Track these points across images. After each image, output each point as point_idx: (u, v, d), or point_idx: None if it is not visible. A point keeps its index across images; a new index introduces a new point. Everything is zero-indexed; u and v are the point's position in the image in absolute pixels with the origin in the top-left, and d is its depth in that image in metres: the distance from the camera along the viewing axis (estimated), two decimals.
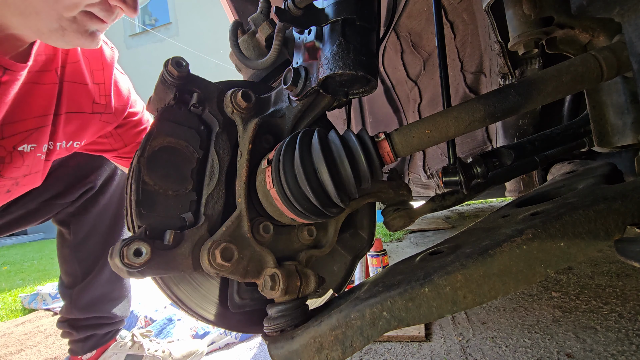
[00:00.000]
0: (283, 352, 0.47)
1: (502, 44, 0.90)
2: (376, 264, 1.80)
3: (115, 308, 1.25)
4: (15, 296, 2.94)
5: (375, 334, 0.41)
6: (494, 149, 0.80)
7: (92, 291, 1.19)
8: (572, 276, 1.72)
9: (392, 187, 0.67)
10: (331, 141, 0.52)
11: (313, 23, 0.55)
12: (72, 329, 1.19)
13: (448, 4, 1.32)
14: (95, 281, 1.19)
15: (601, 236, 0.38)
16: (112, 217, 1.23)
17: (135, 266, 0.43)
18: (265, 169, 0.55)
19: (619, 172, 0.72)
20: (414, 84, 1.69)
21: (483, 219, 0.63)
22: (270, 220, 0.59)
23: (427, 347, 1.25)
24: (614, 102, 0.66)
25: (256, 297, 0.58)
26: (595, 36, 0.62)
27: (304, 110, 0.61)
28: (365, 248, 0.75)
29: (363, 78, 0.56)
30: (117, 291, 1.26)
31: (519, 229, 0.41)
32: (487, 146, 1.59)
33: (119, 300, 1.27)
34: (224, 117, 0.58)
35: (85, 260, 1.19)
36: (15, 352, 1.70)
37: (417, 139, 0.52)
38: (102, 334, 1.23)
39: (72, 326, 1.19)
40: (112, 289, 1.24)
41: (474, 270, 0.38)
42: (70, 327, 1.20)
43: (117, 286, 1.26)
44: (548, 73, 0.50)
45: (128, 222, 0.51)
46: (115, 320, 1.26)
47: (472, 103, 0.51)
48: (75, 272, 1.19)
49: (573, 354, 1.07)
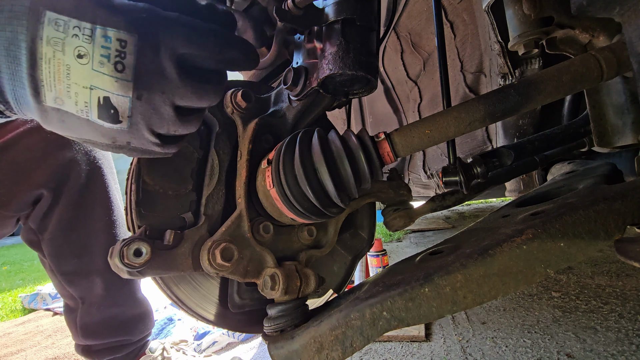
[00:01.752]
0: (283, 352, 0.47)
1: (502, 44, 0.90)
2: (376, 264, 1.81)
3: (132, 328, 1.09)
4: (15, 296, 2.94)
5: (375, 334, 0.41)
6: (494, 149, 0.80)
7: (97, 316, 1.03)
8: (572, 276, 1.72)
9: (392, 187, 0.67)
10: (331, 141, 0.52)
11: (313, 23, 0.55)
12: (88, 355, 1.06)
13: (448, 4, 1.32)
14: (98, 305, 1.03)
15: (601, 236, 0.38)
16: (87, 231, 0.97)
17: (135, 266, 0.43)
18: (265, 169, 0.55)
19: (619, 172, 0.72)
20: (414, 84, 1.69)
21: (483, 219, 0.63)
22: (270, 220, 0.59)
23: (427, 347, 1.25)
24: (614, 102, 0.66)
25: (256, 297, 0.58)
26: (595, 36, 0.62)
27: (304, 110, 0.61)
28: (365, 248, 0.75)
29: (363, 78, 0.56)
30: (129, 311, 1.08)
31: (519, 229, 0.41)
32: (487, 146, 1.59)
33: (134, 320, 1.09)
34: (224, 117, 0.59)
35: (73, 282, 1.00)
36: (15, 352, 1.70)
37: (417, 139, 0.52)
38: (123, 355, 1.09)
39: (87, 352, 1.06)
40: (121, 310, 1.06)
41: (474, 270, 0.38)
42: (85, 353, 1.06)
43: (128, 306, 1.08)
44: (548, 73, 0.50)
45: (128, 222, 0.51)
46: (135, 340, 1.11)
47: (472, 103, 0.51)
48: (71, 295, 1.03)
49: (573, 354, 1.07)
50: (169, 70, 0.33)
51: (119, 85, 0.32)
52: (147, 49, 0.32)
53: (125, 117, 0.33)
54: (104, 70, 0.31)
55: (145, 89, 0.33)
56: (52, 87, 0.31)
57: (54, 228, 0.95)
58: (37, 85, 0.31)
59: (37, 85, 0.31)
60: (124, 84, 0.32)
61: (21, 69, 0.31)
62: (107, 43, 0.30)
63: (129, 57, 0.31)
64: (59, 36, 0.30)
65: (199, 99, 0.36)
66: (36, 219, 0.95)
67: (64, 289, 1.03)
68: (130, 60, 0.31)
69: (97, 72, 0.31)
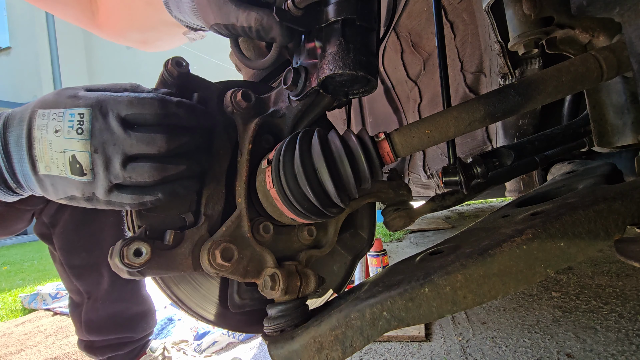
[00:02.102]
0: (283, 352, 0.47)
1: (502, 44, 0.90)
2: (376, 264, 1.81)
3: (135, 326, 1.11)
4: (15, 296, 2.94)
5: (375, 334, 0.41)
6: (494, 149, 0.80)
7: (102, 311, 1.05)
8: (572, 276, 1.73)
9: (392, 187, 0.67)
10: (331, 141, 0.52)
11: (313, 23, 0.55)
12: (90, 351, 1.08)
13: (448, 4, 1.32)
14: (103, 300, 1.05)
15: (601, 236, 0.38)
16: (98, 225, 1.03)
17: (135, 266, 0.43)
18: (265, 169, 0.55)
19: (619, 172, 0.72)
20: (414, 84, 1.69)
21: (483, 219, 0.63)
22: (270, 220, 0.59)
23: (427, 347, 1.25)
24: (614, 102, 0.66)
25: (256, 297, 0.58)
26: (595, 36, 0.62)
27: (304, 110, 0.61)
28: (365, 248, 0.75)
29: (363, 78, 0.56)
30: (133, 308, 1.10)
31: (519, 229, 0.41)
32: (487, 146, 1.59)
33: (137, 317, 1.11)
34: (224, 117, 0.58)
35: (82, 276, 1.04)
36: (15, 352, 1.70)
37: (417, 139, 0.52)
38: (125, 352, 1.11)
39: (90, 348, 1.08)
40: (126, 306, 1.09)
41: (474, 270, 0.38)
42: (88, 349, 1.09)
43: (132, 303, 1.10)
44: (548, 73, 0.50)
45: (128, 222, 0.51)
46: (138, 338, 1.13)
47: (472, 103, 0.51)
48: (78, 290, 1.06)
49: (573, 354, 1.07)
50: (116, 128, 0.44)
51: (80, 144, 0.43)
52: (99, 116, 0.44)
53: (89, 170, 0.44)
54: (70, 136, 0.43)
55: (99, 144, 0.43)
56: (42, 159, 0.43)
57: (66, 222, 1.01)
58: (34, 161, 0.44)
59: (33, 161, 0.44)
60: (84, 143, 0.43)
61: (24, 151, 0.44)
62: (72, 118, 0.43)
63: (86, 124, 0.43)
64: (44, 122, 0.43)
65: (147, 145, 0.45)
66: (49, 213, 1.00)
67: (72, 283, 1.06)
68: (87, 126, 0.43)
69: (67, 139, 0.43)
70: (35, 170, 0.44)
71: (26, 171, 0.44)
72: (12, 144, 0.44)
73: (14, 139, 0.44)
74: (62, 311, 2.25)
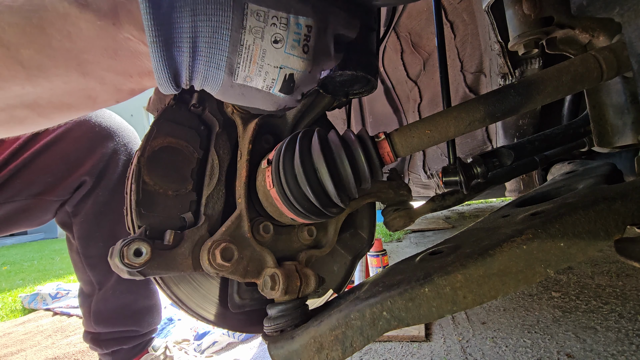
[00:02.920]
0: (283, 352, 0.47)
1: (502, 44, 0.90)
2: (376, 264, 1.81)
3: (141, 320, 1.11)
4: (15, 296, 2.95)
5: (375, 334, 0.41)
6: (494, 149, 0.80)
7: (111, 302, 1.06)
8: (572, 276, 1.73)
9: (392, 187, 0.67)
10: (331, 141, 0.52)
11: None
12: (96, 344, 1.09)
13: (448, 4, 1.32)
14: (113, 291, 1.06)
15: (601, 236, 0.38)
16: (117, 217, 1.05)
17: (135, 266, 0.43)
18: (265, 169, 0.55)
19: (619, 172, 0.72)
20: (414, 84, 1.69)
21: (483, 219, 0.63)
22: (270, 220, 0.59)
23: (427, 347, 1.25)
24: (613, 102, 0.66)
25: (256, 297, 0.58)
26: (595, 36, 0.62)
27: (304, 110, 0.61)
28: (365, 248, 0.75)
29: (363, 78, 0.56)
30: (140, 301, 1.11)
31: (519, 229, 0.41)
32: (487, 146, 1.59)
33: (144, 311, 1.12)
34: (224, 117, 0.59)
35: (96, 266, 1.05)
36: (15, 352, 1.70)
37: (417, 139, 0.52)
38: (129, 347, 1.11)
39: (95, 340, 1.09)
40: (134, 299, 1.09)
41: (474, 270, 0.38)
42: (94, 341, 1.09)
43: (140, 295, 1.11)
44: (548, 73, 0.50)
45: (128, 222, 0.51)
46: (143, 333, 1.14)
47: (472, 103, 0.51)
48: (90, 280, 1.07)
49: (573, 354, 1.07)
50: (331, 49, 0.40)
51: (304, 64, 0.38)
52: (321, 32, 0.38)
53: (297, 88, 0.40)
54: (294, 52, 0.37)
55: (315, 65, 0.39)
56: (245, 68, 0.36)
57: (87, 212, 1.02)
58: (233, 67, 0.36)
59: (232, 67, 0.36)
60: (307, 63, 0.38)
61: (221, 53, 0.35)
62: (299, 29, 0.36)
63: (312, 40, 0.37)
64: (260, 25, 0.35)
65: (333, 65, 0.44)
66: (73, 203, 1.02)
67: (85, 274, 1.07)
68: (312, 43, 0.38)
69: (289, 54, 0.37)
70: (230, 76, 0.37)
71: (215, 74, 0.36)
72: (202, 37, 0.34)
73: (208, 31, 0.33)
74: (62, 311, 2.25)
